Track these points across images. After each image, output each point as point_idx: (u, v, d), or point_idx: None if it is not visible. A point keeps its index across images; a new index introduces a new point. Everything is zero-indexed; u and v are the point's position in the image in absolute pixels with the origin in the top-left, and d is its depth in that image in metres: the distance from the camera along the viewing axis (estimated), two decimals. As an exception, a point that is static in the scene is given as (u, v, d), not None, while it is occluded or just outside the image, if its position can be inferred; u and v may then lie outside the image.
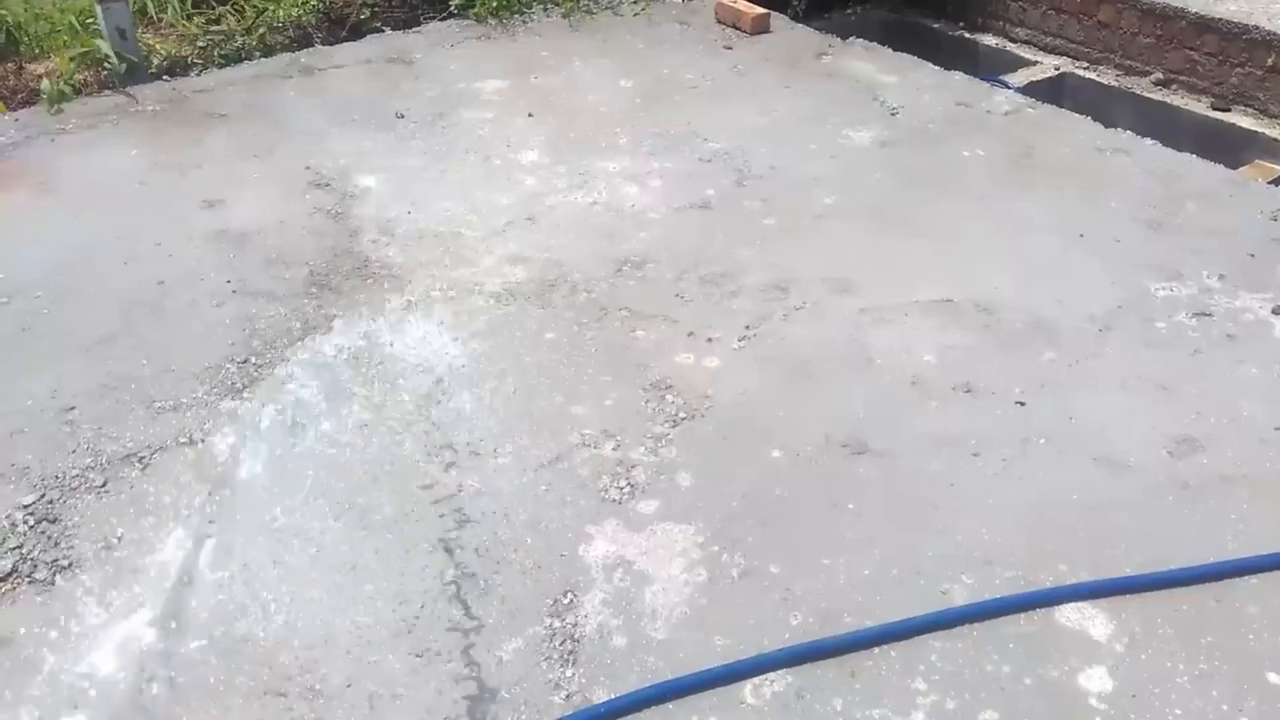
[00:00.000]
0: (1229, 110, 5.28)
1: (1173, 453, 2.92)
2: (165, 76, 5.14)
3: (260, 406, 3.09)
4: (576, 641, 2.40)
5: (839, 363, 3.28)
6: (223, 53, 5.33)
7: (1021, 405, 3.09)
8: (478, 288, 3.63)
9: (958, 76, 5.24)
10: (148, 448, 2.94)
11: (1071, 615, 2.45)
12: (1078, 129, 4.72)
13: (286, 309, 3.51)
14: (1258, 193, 4.24)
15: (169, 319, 3.47)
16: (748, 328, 3.43)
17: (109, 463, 2.89)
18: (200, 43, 5.37)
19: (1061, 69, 5.83)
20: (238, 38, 5.43)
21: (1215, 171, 4.38)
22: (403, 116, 4.78)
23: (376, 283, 3.64)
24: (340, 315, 3.48)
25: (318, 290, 3.61)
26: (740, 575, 2.56)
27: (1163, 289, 3.60)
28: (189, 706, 2.26)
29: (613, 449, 2.94)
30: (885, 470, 2.87)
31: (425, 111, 4.83)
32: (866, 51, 5.50)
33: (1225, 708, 2.24)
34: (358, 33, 5.64)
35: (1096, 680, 2.30)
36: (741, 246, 3.86)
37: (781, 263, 3.76)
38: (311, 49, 5.47)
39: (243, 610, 2.47)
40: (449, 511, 2.75)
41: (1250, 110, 5.22)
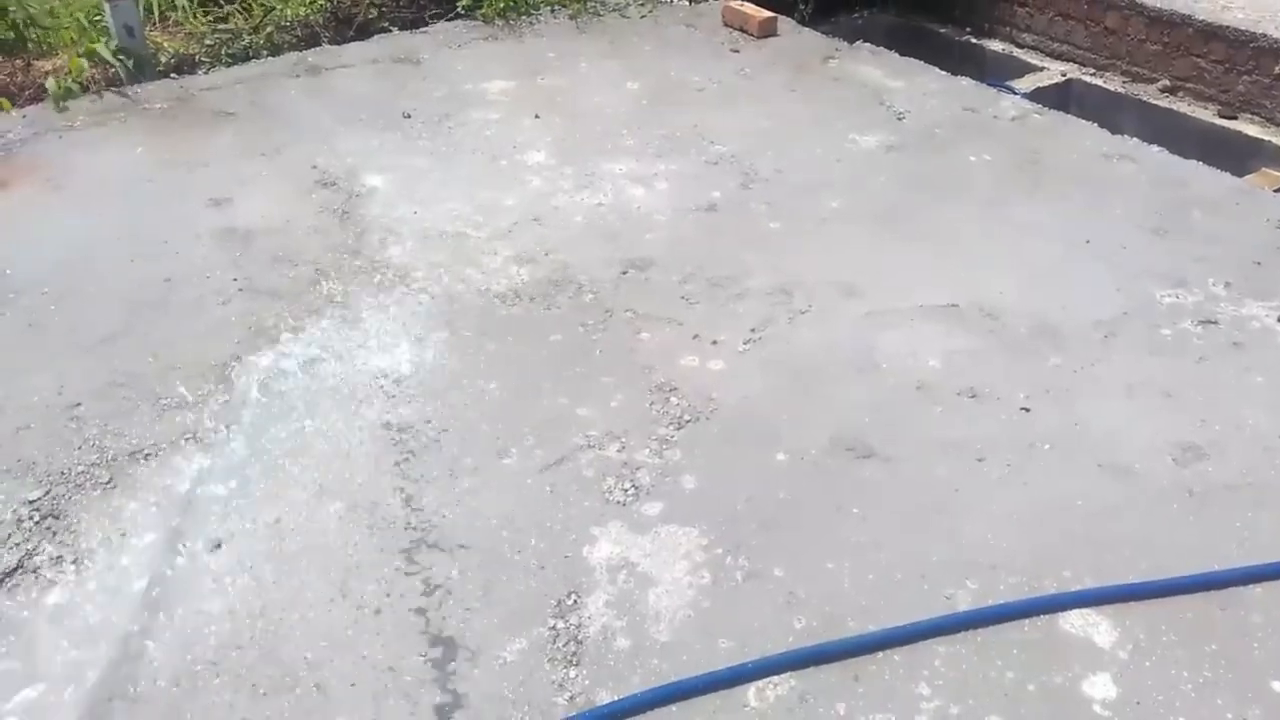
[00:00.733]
0: (1236, 118, 5.28)
1: (1178, 460, 2.92)
2: (172, 74, 5.15)
3: (266, 402, 3.10)
4: (580, 643, 2.40)
5: (844, 366, 3.28)
6: (230, 51, 5.34)
7: (1026, 411, 3.09)
8: (483, 288, 3.63)
9: (964, 82, 5.24)
10: (153, 445, 2.95)
11: (1076, 622, 2.45)
12: (1084, 135, 4.72)
13: (292, 307, 3.51)
14: (1264, 201, 4.23)
15: (175, 316, 3.47)
16: (753, 330, 3.43)
17: (114, 459, 2.90)
18: (208, 41, 5.38)
19: (1068, 75, 5.83)
20: (245, 36, 5.44)
21: (1221, 179, 4.38)
22: (409, 116, 4.79)
23: (382, 282, 3.65)
24: (345, 313, 3.48)
25: (324, 289, 3.61)
26: (744, 578, 2.56)
27: (1168, 296, 3.60)
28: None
29: (617, 451, 2.94)
30: (890, 474, 2.87)
31: (432, 112, 4.84)
32: (873, 56, 5.51)
33: (1229, 716, 2.24)
34: (365, 32, 5.65)
35: (1100, 687, 2.30)
36: (747, 249, 3.86)
37: (787, 266, 3.76)
38: (319, 48, 5.47)
39: (246, 607, 2.48)
40: (449, 511, 2.75)
41: (1257, 118, 5.22)
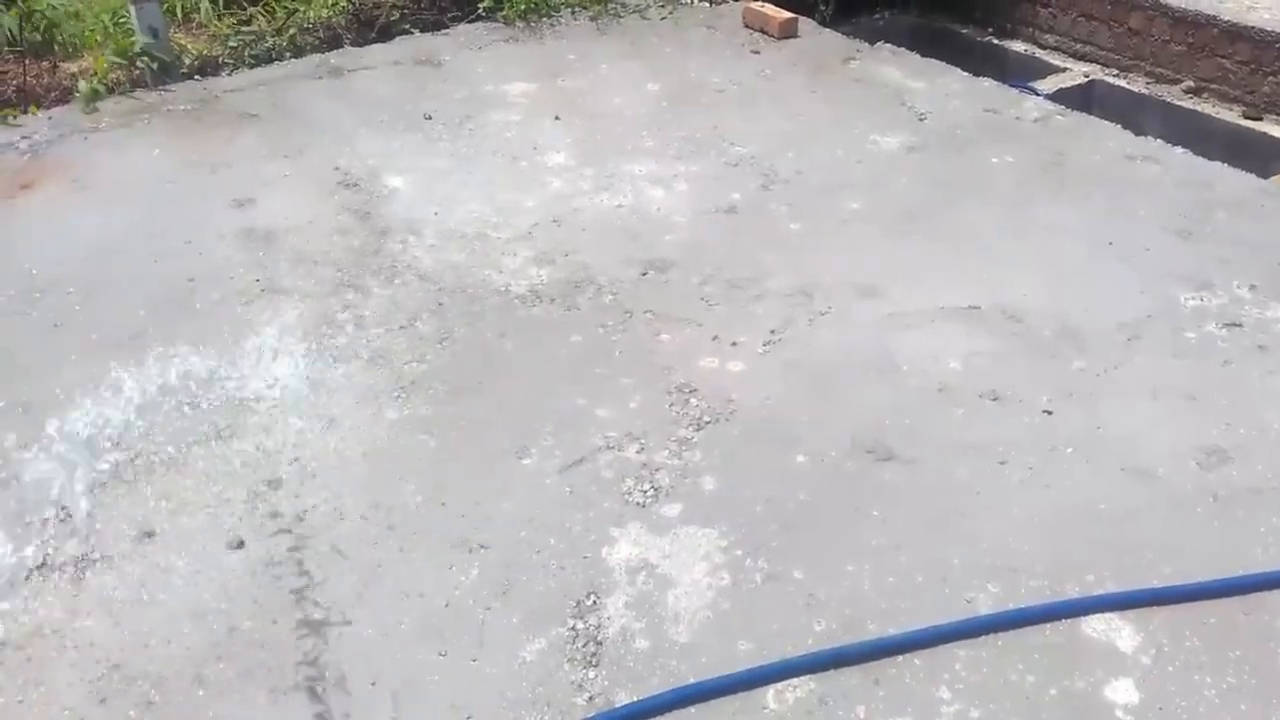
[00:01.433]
0: (1260, 119, 5.23)
1: (1201, 464, 2.89)
2: (196, 76, 5.19)
3: (290, 401, 3.12)
4: (599, 644, 2.41)
5: (864, 368, 3.27)
6: (253, 53, 5.38)
7: (1049, 414, 3.07)
8: (503, 289, 3.64)
9: (986, 83, 5.22)
10: (179, 442, 2.97)
11: (1098, 626, 2.44)
12: (1107, 137, 4.68)
13: (314, 307, 3.53)
14: (1290, 202, 4.20)
15: (198, 316, 3.50)
16: (773, 332, 3.43)
17: (138, 457, 2.92)
18: (231, 43, 5.42)
19: (1091, 76, 5.79)
20: (268, 38, 5.48)
21: (1246, 180, 4.34)
22: (431, 118, 4.81)
23: (403, 282, 3.66)
24: (367, 314, 3.50)
25: (346, 289, 3.63)
26: (764, 580, 2.56)
27: (1192, 299, 3.57)
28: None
29: (636, 452, 2.94)
30: (911, 477, 2.86)
31: (453, 113, 4.86)
32: (894, 56, 5.49)
33: (1254, 722, 2.23)
34: (387, 34, 5.68)
35: (1123, 692, 2.29)
36: (767, 251, 3.86)
37: (807, 267, 3.75)
38: (341, 50, 5.50)
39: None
40: (470, 512, 2.76)
41: (1282, 119, 5.18)
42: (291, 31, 5.53)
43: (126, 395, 3.14)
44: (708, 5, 6.10)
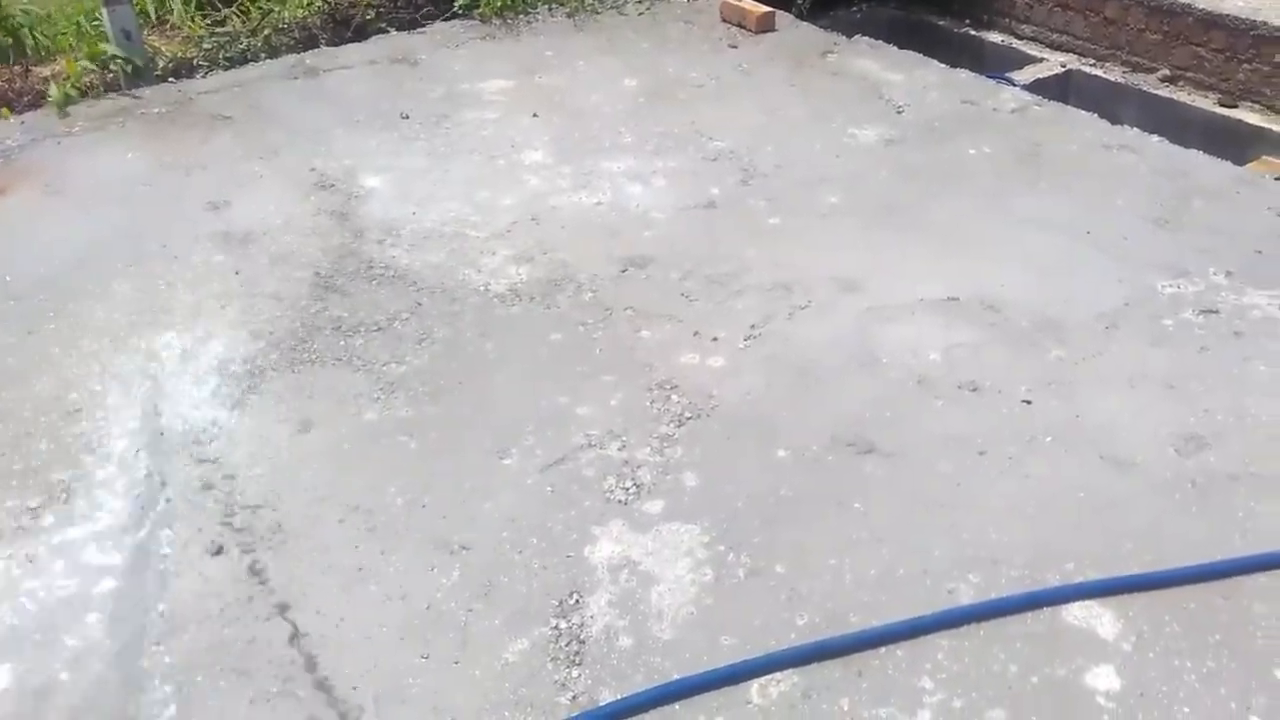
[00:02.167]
0: (1236, 106, 5.26)
1: (1180, 450, 2.91)
2: (171, 78, 5.15)
3: (271, 404, 3.10)
4: (582, 643, 2.40)
5: (845, 362, 3.28)
6: (228, 54, 5.34)
7: (1028, 404, 3.08)
8: (482, 288, 3.63)
9: (963, 74, 5.23)
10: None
11: (1078, 614, 2.45)
12: (1084, 126, 4.70)
13: (291, 310, 3.51)
14: (1265, 189, 4.21)
15: (174, 321, 3.47)
16: (753, 327, 3.43)
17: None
18: (205, 45, 5.38)
19: (1068, 66, 5.81)
20: (243, 39, 5.44)
21: (1222, 168, 4.37)
22: (407, 117, 4.78)
23: (382, 283, 3.65)
24: (345, 315, 3.48)
25: (323, 292, 3.61)
26: (746, 575, 2.56)
27: (1170, 286, 3.59)
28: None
29: (618, 449, 2.94)
30: (891, 469, 2.87)
31: (430, 112, 4.84)
32: (872, 49, 5.49)
33: (1233, 706, 2.23)
34: (362, 34, 5.65)
35: (1104, 679, 2.30)
36: (746, 246, 3.86)
37: (787, 262, 3.75)
38: (316, 50, 5.47)
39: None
40: (451, 513, 2.75)
41: (1257, 106, 5.20)
42: (266, 32, 5.50)
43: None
44: (685, 0, 6.10)
